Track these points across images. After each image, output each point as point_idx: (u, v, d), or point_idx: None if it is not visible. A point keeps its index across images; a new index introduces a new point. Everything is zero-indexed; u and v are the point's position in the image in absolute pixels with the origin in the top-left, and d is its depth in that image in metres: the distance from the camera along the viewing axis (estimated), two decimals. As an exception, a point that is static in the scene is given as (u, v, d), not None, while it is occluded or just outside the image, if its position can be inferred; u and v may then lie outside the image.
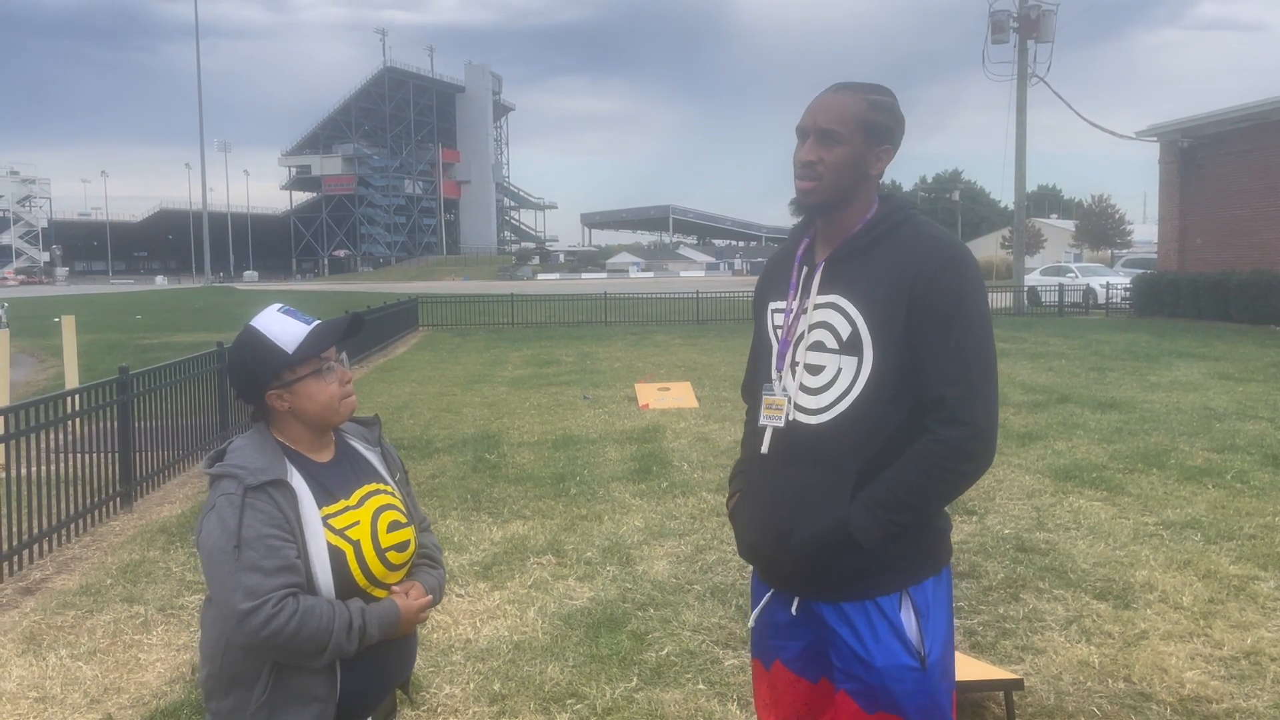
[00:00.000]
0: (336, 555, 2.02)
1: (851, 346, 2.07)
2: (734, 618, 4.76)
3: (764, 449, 2.18)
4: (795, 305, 2.19)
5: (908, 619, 2.08)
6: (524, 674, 4.19)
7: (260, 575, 1.91)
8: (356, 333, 2.22)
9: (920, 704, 2.07)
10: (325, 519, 2.04)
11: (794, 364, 2.15)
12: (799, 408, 2.13)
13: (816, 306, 2.13)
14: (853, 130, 2.08)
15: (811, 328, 2.13)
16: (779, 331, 2.22)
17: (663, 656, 4.32)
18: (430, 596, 2.17)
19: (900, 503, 2.03)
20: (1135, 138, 28.46)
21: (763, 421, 2.19)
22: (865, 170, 2.11)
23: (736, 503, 2.33)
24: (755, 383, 2.33)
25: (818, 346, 2.12)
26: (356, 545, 2.06)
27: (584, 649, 4.42)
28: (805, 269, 2.20)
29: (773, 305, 2.27)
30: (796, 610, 2.18)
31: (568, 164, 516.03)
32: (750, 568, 2.35)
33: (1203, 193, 25.74)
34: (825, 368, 2.10)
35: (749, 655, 4.32)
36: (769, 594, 2.26)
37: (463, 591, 5.22)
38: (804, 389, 2.13)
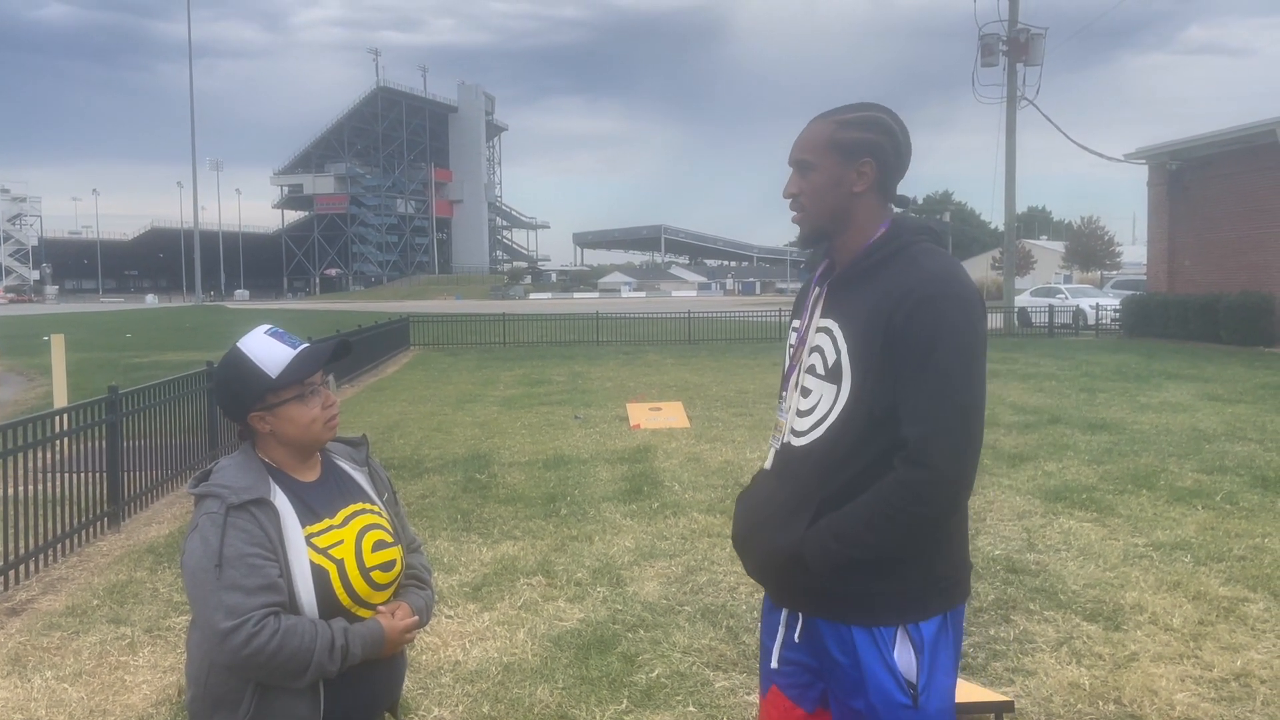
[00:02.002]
0: (319, 574, 2.02)
1: (834, 374, 2.05)
2: (725, 639, 4.74)
3: (768, 465, 2.22)
4: (804, 327, 2.20)
5: (903, 655, 2.00)
6: (513, 696, 4.16)
7: (241, 594, 1.91)
8: (343, 357, 2.22)
9: None
10: (308, 538, 2.03)
11: (796, 385, 2.16)
12: (792, 430, 2.13)
13: (815, 330, 2.13)
14: (822, 155, 2.08)
15: (809, 351, 2.13)
16: (791, 351, 2.24)
17: (653, 678, 4.30)
18: (417, 617, 2.16)
19: (853, 537, 1.97)
20: (1124, 160, 28.68)
21: (771, 441, 2.25)
22: (848, 190, 2.08)
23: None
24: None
25: (811, 370, 2.11)
26: (340, 564, 2.05)
27: (574, 671, 4.40)
28: (818, 291, 2.19)
29: (794, 324, 2.28)
30: (800, 636, 2.13)
31: (561, 184, 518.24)
32: (759, 593, 2.33)
33: (1191, 215, 25.92)
34: (813, 392, 2.10)
35: (740, 677, 4.33)
36: (779, 615, 2.20)
37: (452, 613, 5.19)
38: (797, 411, 2.13)
